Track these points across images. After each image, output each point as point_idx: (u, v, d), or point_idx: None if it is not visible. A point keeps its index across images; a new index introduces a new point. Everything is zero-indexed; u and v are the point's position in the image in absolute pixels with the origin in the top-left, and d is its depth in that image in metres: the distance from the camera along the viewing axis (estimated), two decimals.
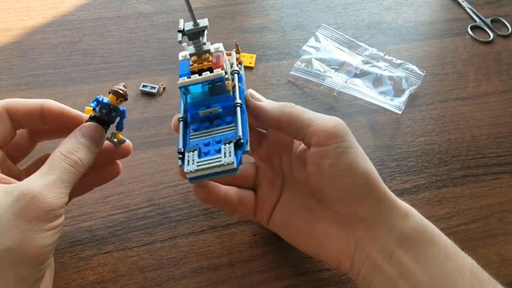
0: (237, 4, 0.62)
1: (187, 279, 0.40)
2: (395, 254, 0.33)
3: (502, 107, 0.54)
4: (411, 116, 0.52)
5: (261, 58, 0.56)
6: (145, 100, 0.51)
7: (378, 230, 0.34)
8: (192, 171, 0.32)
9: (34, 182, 0.30)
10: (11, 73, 0.52)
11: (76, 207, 0.43)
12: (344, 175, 0.33)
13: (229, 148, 0.32)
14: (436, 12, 0.64)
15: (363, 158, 0.34)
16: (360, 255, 0.34)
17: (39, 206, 0.29)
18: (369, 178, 0.33)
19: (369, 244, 0.34)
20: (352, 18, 0.62)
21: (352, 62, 0.56)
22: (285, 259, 0.41)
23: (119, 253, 0.41)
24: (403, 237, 0.33)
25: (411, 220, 0.33)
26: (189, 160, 0.32)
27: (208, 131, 0.34)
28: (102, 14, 0.59)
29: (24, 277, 0.29)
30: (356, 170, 0.33)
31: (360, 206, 0.34)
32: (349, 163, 0.33)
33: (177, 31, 0.33)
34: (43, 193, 0.29)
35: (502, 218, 0.45)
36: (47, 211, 0.29)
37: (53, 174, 0.30)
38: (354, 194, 0.34)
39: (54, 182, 0.30)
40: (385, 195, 0.34)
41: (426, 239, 0.33)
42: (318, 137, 0.34)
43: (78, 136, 0.33)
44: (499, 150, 0.50)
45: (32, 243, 0.28)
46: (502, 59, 0.58)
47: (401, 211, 0.34)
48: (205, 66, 0.34)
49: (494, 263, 0.42)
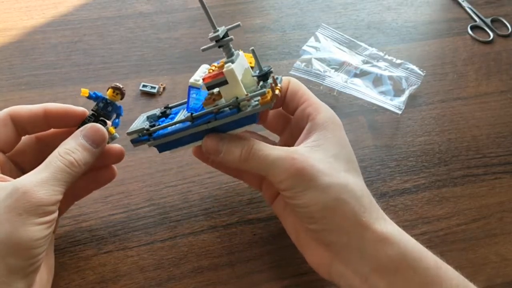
0: (237, 4, 0.62)
1: (187, 279, 0.40)
2: (371, 279, 0.32)
3: (502, 107, 0.54)
4: (411, 116, 0.52)
5: (261, 58, 0.56)
6: (145, 100, 0.51)
7: (350, 254, 0.33)
8: (244, 111, 0.33)
9: (27, 178, 0.31)
10: (11, 73, 0.52)
11: (76, 207, 0.43)
12: (307, 210, 0.33)
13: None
14: (436, 12, 0.64)
15: (329, 194, 0.32)
16: (336, 273, 0.34)
17: (29, 201, 0.29)
18: (336, 213, 0.33)
19: (343, 265, 0.33)
20: (352, 18, 0.62)
21: (352, 62, 0.56)
22: (285, 259, 0.41)
23: (119, 253, 0.41)
24: (377, 264, 0.32)
25: (388, 247, 0.32)
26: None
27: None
28: (102, 14, 0.59)
29: (14, 269, 0.29)
30: (319, 209, 0.33)
31: (329, 233, 0.33)
32: (311, 204, 0.33)
33: (213, 39, 0.34)
34: (34, 189, 0.30)
35: (502, 218, 0.45)
36: (38, 206, 0.30)
37: (47, 172, 0.31)
38: (321, 225, 0.33)
39: (47, 179, 0.31)
40: (359, 223, 0.33)
41: (404, 265, 0.32)
42: (279, 184, 0.34)
43: (79, 137, 0.34)
44: (499, 150, 0.50)
45: (21, 235, 0.29)
46: (502, 59, 0.58)
47: (377, 238, 0.32)
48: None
49: (494, 263, 0.42)
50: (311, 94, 0.37)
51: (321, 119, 0.35)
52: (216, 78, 0.33)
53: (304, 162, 0.33)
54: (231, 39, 0.34)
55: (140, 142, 0.36)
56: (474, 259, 0.42)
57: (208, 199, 0.44)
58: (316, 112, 0.36)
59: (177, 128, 0.35)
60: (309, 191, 0.32)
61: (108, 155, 0.37)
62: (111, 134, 0.36)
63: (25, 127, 0.36)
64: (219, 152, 0.34)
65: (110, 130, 0.36)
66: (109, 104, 0.35)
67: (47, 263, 0.34)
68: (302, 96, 0.37)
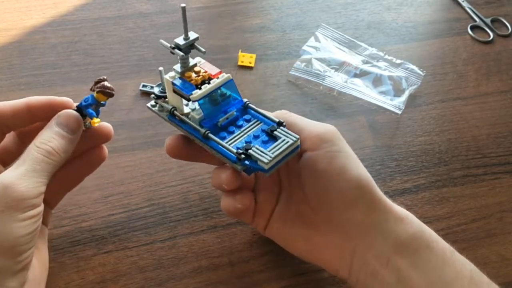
0: (237, 4, 0.62)
1: (187, 279, 0.40)
2: (392, 260, 0.33)
3: (502, 107, 0.54)
4: (411, 116, 0.52)
5: (261, 58, 0.56)
6: (145, 100, 0.51)
7: (374, 236, 0.33)
8: (271, 159, 0.32)
9: (6, 173, 0.30)
10: (11, 73, 0.52)
11: (76, 207, 0.43)
12: (336, 178, 0.33)
13: (282, 130, 0.33)
14: (436, 12, 0.64)
15: (355, 162, 0.34)
16: (357, 262, 0.34)
17: (10, 196, 0.29)
18: (361, 182, 0.33)
19: (366, 250, 0.34)
20: (352, 18, 0.62)
21: (352, 62, 0.56)
22: (285, 259, 0.41)
23: (119, 253, 0.41)
24: (399, 243, 0.33)
25: (408, 226, 0.33)
26: (258, 153, 0.32)
27: (238, 133, 0.35)
28: (102, 14, 0.59)
29: (1, 268, 0.29)
30: (348, 174, 0.33)
31: (354, 210, 0.34)
32: (340, 167, 0.33)
33: (173, 47, 0.34)
34: (15, 183, 0.29)
35: (502, 218, 0.45)
36: (20, 200, 0.29)
37: (26, 165, 0.30)
38: (347, 198, 0.34)
39: (26, 171, 0.30)
40: (380, 200, 0.34)
41: (423, 245, 0.33)
42: (309, 142, 0.34)
43: (53, 126, 0.33)
44: (499, 150, 0.50)
45: (5, 233, 0.28)
46: (502, 59, 0.58)
47: (398, 217, 0.34)
48: (206, 77, 0.35)
49: (494, 263, 0.42)
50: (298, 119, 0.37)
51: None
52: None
53: (335, 129, 0.35)
54: (190, 45, 0.34)
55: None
56: (474, 259, 0.42)
57: (208, 199, 0.44)
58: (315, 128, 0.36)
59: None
60: (344, 154, 0.34)
61: (96, 135, 0.37)
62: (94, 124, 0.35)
63: (9, 124, 0.35)
64: None
65: (92, 122, 0.35)
66: (100, 105, 0.35)
67: (40, 258, 0.34)
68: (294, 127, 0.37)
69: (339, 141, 0.35)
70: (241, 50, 0.56)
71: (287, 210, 0.37)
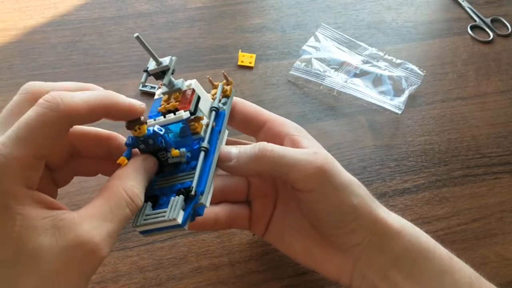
0: (237, 4, 0.62)
1: (187, 279, 0.40)
2: (390, 274, 0.33)
3: (502, 107, 0.54)
4: (411, 116, 0.52)
5: (261, 58, 0.56)
6: (145, 100, 0.51)
7: (372, 253, 0.33)
8: (139, 225, 0.29)
9: (92, 228, 0.25)
10: (11, 73, 0.52)
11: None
12: (332, 211, 0.33)
13: (177, 201, 0.28)
14: (436, 12, 0.64)
15: (350, 189, 0.33)
16: (357, 276, 0.34)
17: (95, 261, 0.26)
18: (357, 211, 0.33)
19: (365, 265, 0.34)
20: (352, 18, 0.62)
21: (352, 62, 0.56)
22: (285, 259, 0.41)
23: (119, 253, 0.41)
24: (396, 256, 0.33)
25: (404, 239, 0.33)
26: (141, 212, 0.29)
27: (171, 177, 0.31)
28: (102, 14, 0.59)
29: None
30: (344, 208, 0.33)
31: (352, 235, 0.33)
32: (336, 204, 0.33)
33: (143, 71, 0.31)
34: (101, 246, 0.25)
35: (502, 218, 0.45)
36: (99, 263, 0.26)
37: (114, 222, 0.26)
38: (345, 229, 0.33)
39: (113, 233, 0.26)
40: (376, 220, 0.33)
41: (420, 256, 0.33)
42: (302, 183, 0.32)
43: (142, 171, 0.29)
44: (499, 150, 0.50)
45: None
46: (502, 59, 0.58)
47: (394, 231, 0.33)
48: (172, 107, 0.31)
49: (494, 263, 0.42)
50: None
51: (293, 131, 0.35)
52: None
53: (324, 160, 0.32)
54: (161, 72, 0.31)
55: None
56: (474, 259, 0.42)
57: None
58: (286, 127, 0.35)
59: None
60: (339, 189, 0.32)
61: None
62: (175, 155, 0.31)
63: (80, 148, 0.31)
64: (232, 158, 0.32)
65: (173, 153, 0.31)
66: (146, 139, 0.30)
67: None
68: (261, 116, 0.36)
69: (332, 176, 0.32)
70: (241, 50, 0.56)
71: (285, 217, 0.37)
